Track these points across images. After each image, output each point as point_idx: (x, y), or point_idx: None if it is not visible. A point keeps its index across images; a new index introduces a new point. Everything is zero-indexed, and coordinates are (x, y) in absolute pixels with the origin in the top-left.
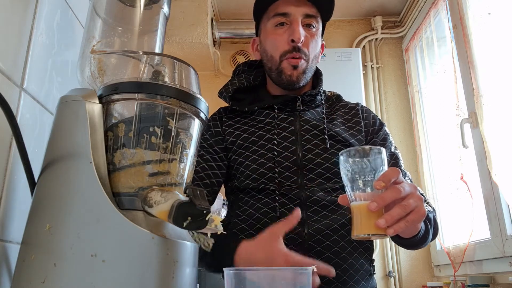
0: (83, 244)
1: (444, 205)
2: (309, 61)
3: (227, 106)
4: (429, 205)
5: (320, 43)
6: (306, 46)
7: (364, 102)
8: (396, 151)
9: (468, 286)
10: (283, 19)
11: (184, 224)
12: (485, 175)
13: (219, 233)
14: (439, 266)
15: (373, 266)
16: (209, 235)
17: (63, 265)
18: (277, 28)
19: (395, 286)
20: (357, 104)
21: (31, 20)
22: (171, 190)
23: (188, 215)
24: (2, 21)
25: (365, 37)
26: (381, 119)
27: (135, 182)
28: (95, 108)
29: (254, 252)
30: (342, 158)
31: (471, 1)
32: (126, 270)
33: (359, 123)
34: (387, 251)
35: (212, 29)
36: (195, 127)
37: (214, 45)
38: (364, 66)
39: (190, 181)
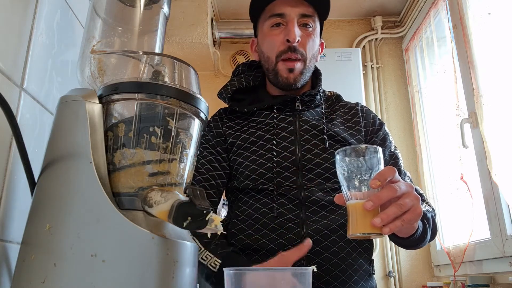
0: (83, 244)
1: (444, 205)
2: (306, 61)
3: (227, 107)
4: (428, 204)
5: (318, 42)
6: (303, 46)
7: (364, 102)
8: (396, 151)
9: (468, 286)
10: (279, 19)
11: (184, 224)
12: (485, 175)
13: (219, 233)
14: (439, 266)
15: (372, 266)
16: (209, 235)
17: (63, 265)
18: (273, 28)
19: (395, 286)
20: (356, 104)
21: (31, 20)
22: (171, 190)
23: (188, 215)
24: (2, 21)
25: (365, 37)
26: (381, 119)
27: (135, 182)
28: (95, 108)
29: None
30: (338, 157)
31: (471, 1)
32: (126, 270)
33: (358, 123)
34: (387, 251)
35: (212, 29)
36: (195, 127)
37: (214, 45)
38: (364, 66)
39: (190, 181)
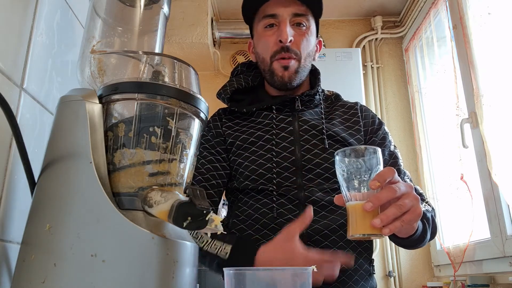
0: (83, 244)
1: (444, 205)
2: (301, 60)
3: (226, 107)
4: (428, 204)
5: (314, 41)
6: (297, 45)
7: (364, 102)
8: (395, 150)
9: (468, 286)
10: (272, 20)
11: (184, 224)
12: (485, 175)
13: (219, 233)
14: (439, 266)
15: (372, 266)
16: (209, 235)
17: (63, 265)
18: (266, 29)
19: (395, 286)
20: (356, 103)
21: (31, 20)
22: (171, 190)
23: (188, 215)
24: (2, 21)
25: (365, 37)
26: (380, 118)
27: (135, 182)
28: (95, 108)
29: (273, 256)
30: (338, 158)
31: (471, 1)
32: (126, 270)
33: (358, 123)
34: (387, 251)
35: (212, 29)
36: (195, 127)
37: (214, 45)
38: (364, 66)
39: (190, 181)
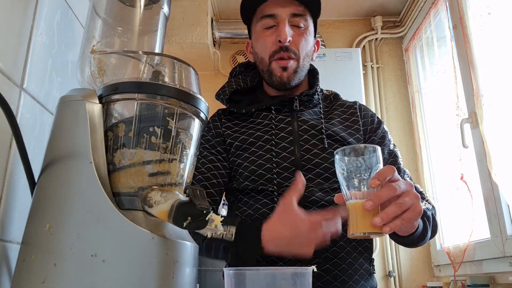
0: (83, 244)
1: (444, 205)
2: (299, 60)
3: (225, 108)
4: (428, 202)
5: (312, 41)
6: (295, 45)
7: (364, 102)
8: (395, 149)
9: (468, 286)
10: (270, 20)
11: (184, 224)
12: (485, 175)
13: (219, 233)
14: (439, 266)
15: (373, 266)
16: (209, 235)
17: (63, 265)
18: (265, 30)
19: (395, 286)
20: (354, 102)
21: (31, 20)
22: (171, 190)
23: (188, 215)
24: (2, 21)
25: (365, 37)
26: (379, 117)
27: (135, 182)
28: (95, 108)
29: (278, 231)
30: (337, 157)
31: (471, 1)
32: (126, 270)
33: (357, 122)
34: (387, 251)
35: (212, 29)
36: (195, 127)
37: (214, 45)
38: (364, 66)
39: (190, 181)
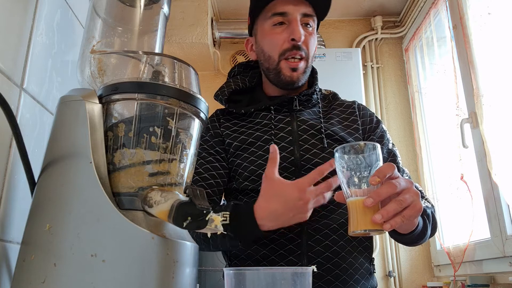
0: (83, 244)
1: (444, 205)
2: (308, 60)
3: (224, 108)
4: (427, 201)
5: (316, 42)
6: (306, 45)
7: (364, 102)
8: (394, 148)
9: (468, 286)
10: (281, 18)
11: (184, 224)
12: (485, 175)
13: (219, 233)
14: (439, 266)
15: (373, 265)
16: (209, 235)
17: (63, 265)
18: (275, 27)
19: (395, 286)
20: (353, 102)
21: (31, 20)
22: (171, 190)
23: (188, 215)
24: (2, 21)
25: (365, 37)
26: (379, 117)
27: (135, 182)
28: (95, 108)
29: (269, 205)
30: (337, 155)
31: (471, 1)
32: (126, 270)
33: (356, 122)
34: (387, 251)
35: (212, 29)
36: (195, 127)
37: (214, 45)
38: (364, 66)
39: (190, 181)
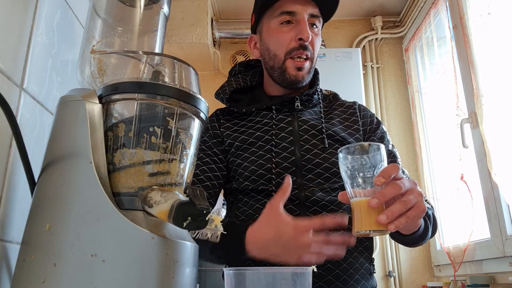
0: (83, 244)
1: (444, 205)
2: (313, 60)
3: (223, 107)
4: (427, 202)
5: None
6: (312, 45)
7: (364, 102)
8: (394, 150)
9: (468, 286)
10: (288, 17)
11: (184, 224)
12: (485, 175)
13: (219, 233)
14: (439, 266)
15: (373, 265)
16: (209, 235)
17: (63, 265)
18: (282, 26)
19: (395, 286)
20: (354, 103)
21: (31, 20)
22: (171, 190)
23: (188, 215)
24: (2, 21)
25: (365, 37)
26: (380, 118)
27: (135, 182)
28: (95, 108)
29: (262, 233)
30: (342, 155)
31: (471, 1)
32: (126, 270)
33: (356, 122)
34: (387, 251)
35: (212, 29)
36: (195, 127)
37: (214, 45)
38: (364, 66)
39: (190, 181)
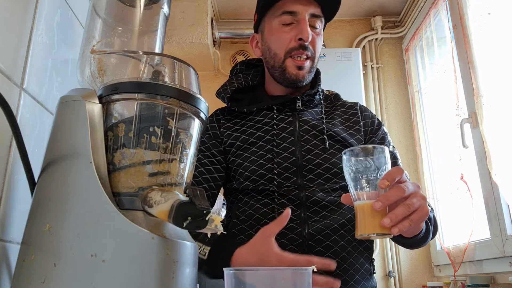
0: (83, 244)
1: (444, 205)
2: (314, 60)
3: (224, 107)
4: (427, 204)
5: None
6: (313, 45)
7: (364, 102)
8: (394, 151)
9: (468, 286)
10: (290, 17)
11: (184, 224)
12: (485, 175)
13: (219, 233)
14: (439, 266)
15: (373, 266)
16: (209, 235)
17: (63, 265)
18: (283, 26)
19: (395, 286)
20: (355, 103)
21: (31, 20)
22: (171, 190)
23: (188, 215)
24: (2, 21)
25: (365, 37)
26: (380, 119)
27: (135, 182)
28: (95, 108)
29: (248, 257)
30: (345, 158)
31: (471, 1)
32: (126, 270)
33: (358, 123)
34: (387, 251)
35: (212, 29)
36: (195, 127)
37: (214, 45)
38: (364, 66)
39: (190, 181)
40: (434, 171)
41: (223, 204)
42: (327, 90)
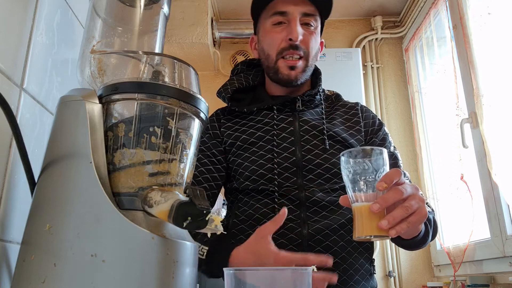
0: (83, 244)
1: (444, 205)
2: (308, 59)
3: (224, 107)
4: (428, 205)
5: (319, 40)
6: (305, 44)
7: (364, 102)
8: (395, 151)
9: (468, 286)
10: (281, 17)
11: (184, 224)
12: (485, 175)
13: (219, 233)
14: (439, 266)
15: (373, 266)
16: (209, 235)
17: (63, 265)
18: (275, 26)
19: (395, 286)
20: (356, 103)
21: (31, 20)
22: (171, 190)
23: (188, 215)
24: (2, 21)
25: (365, 37)
26: (380, 119)
27: (135, 182)
28: (95, 108)
29: (245, 257)
30: (344, 159)
31: (471, 1)
32: (126, 270)
33: (358, 123)
34: (387, 251)
35: (212, 29)
36: (195, 127)
37: (214, 45)
38: (364, 66)
39: (190, 181)
40: (434, 171)
41: (223, 204)
42: (328, 90)
